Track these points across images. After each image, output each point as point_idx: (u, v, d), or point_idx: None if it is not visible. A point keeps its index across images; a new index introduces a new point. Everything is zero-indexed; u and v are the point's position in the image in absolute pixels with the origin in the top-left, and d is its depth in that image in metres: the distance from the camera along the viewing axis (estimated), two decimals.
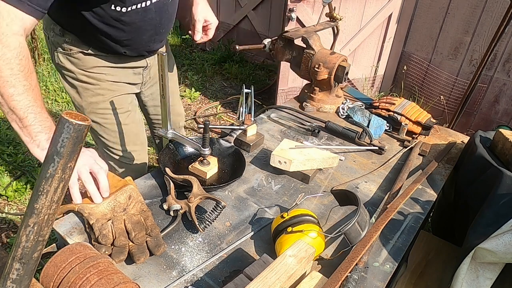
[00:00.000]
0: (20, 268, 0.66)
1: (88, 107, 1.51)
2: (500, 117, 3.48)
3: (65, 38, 1.38)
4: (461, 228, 1.59)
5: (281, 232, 1.07)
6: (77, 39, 1.38)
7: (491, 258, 1.18)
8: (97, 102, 1.50)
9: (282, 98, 3.65)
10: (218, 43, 5.05)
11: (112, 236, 1.04)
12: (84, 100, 1.49)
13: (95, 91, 1.48)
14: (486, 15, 3.25)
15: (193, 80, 4.39)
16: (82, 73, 1.45)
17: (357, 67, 3.90)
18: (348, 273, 1.00)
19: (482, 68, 2.18)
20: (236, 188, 1.37)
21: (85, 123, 0.58)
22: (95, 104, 1.51)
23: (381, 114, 1.84)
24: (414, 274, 1.54)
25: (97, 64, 1.45)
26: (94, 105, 1.51)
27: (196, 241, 1.14)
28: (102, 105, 1.51)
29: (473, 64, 3.47)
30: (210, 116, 3.83)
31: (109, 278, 0.85)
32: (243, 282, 0.91)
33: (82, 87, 1.47)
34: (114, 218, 1.08)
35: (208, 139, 1.33)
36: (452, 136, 1.86)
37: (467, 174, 1.52)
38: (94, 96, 1.49)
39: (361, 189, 1.45)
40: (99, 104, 1.51)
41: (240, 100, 1.62)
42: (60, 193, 0.62)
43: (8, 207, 2.47)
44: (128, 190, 1.16)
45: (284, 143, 1.48)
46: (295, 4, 3.18)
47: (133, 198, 1.15)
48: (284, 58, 1.97)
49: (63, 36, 1.38)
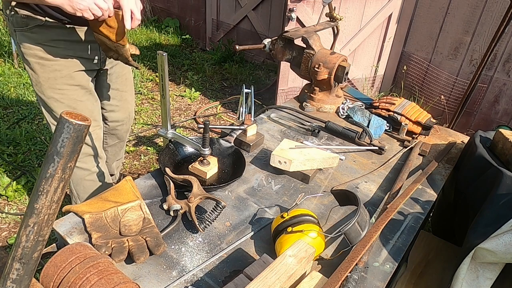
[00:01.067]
0: (20, 268, 0.66)
1: (46, 83, 1.55)
2: (500, 117, 3.48)
3: (20, 14, 1.41)
4: (461, 228, 1.59)
5: (281, 232, 1.07)
6: (31, 11, 1.40)
7: (491, 258, 1.18)
8: (54, 77, 1.55)
9: (282, 98, 3.64)
10: (218, 43, 5.05)
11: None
12: (42, 75, 1.53)
13: (52, 66, 1.52)
14: (486, 15, 3.25)
15: (193, 80, 4.39)
16: (39, 48, 1.48)
17: (357, 67, 3.90)
18: (348, 273, 1.00)
19: (482, 68, 2.18)
20: (236, 188, 1.37)
21: (85, 123, 0.58)
22: (53, 80, 1.55)
23: (381, 114, 1.84)
24: (414, 274, 1.54)
25: (53, 37, 1.47)
26: (52, 81, 1.55)
27: (196, 241, 1.14)
28: (59, 80, 1.56)
29: (473, 64, 3.47)
30: (210, 116, 3.83)
31: (109, 278, 0.85)
32: (243, 282, 0.91)
33: (39, 64, 1.51)
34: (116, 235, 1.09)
35: (208, 139, 1.33)
36: (452, 136, 1.86)
37: (467, 174, 1.52)
38: (52, 72, 1.53)
39: (361, 189, 1.44)
40: (56, 79, 1.55)
41: (240, 100, 1.62)
42: (60, 193, 0.62)
43: (8, 207, 2.47)
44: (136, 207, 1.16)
45: (284, 143, 1.48)
46: (295, 4, 3.18)
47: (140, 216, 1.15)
48: (284, 58, 1.97)
49: (18, 12, 1.41)
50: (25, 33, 1.45)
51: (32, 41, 1.46)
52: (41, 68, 1.52)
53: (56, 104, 1.60)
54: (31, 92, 3.73)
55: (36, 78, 1.54)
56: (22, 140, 3.04)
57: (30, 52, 1.49)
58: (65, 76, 1.56)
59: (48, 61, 1.51)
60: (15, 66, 4.13)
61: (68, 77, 1.56)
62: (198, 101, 4.08)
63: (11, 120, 3.30)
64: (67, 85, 1.58)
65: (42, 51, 1.49)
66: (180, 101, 4.04)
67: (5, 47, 4.39)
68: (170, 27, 5.62)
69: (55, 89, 1.57)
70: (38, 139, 3.10)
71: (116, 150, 2.14)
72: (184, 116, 3.78)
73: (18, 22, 1.44)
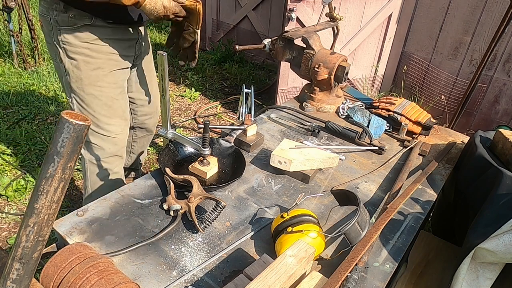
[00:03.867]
0: (20, 268, 0.66)
1: (87, 79, 1.60)
2: (500, 117, 3.48)
3: (68, 13, 1.47)
4: (461, 228, 1.59)
5: (281, 232, 1.07)
6: (81, 12, 1.48)
7: (491, 258, 1.18)
8: (96, 75, 1.61)
9: (282, 98, 3.64)
10: (218, 43, 5.05)
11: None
12: (84, 72, 1.59)
13: (96, 64, 1.59)
14: (486, 15, 3.25)
15: (193, 80, 4.39)
16: (85, 46, 1.54)
17: (357, 67, 3.90)
18: (348, 273, 1.00)
19: (482, 68, 2.18)
20: (236, 188, 1.37)
21: (85, 123, 0.58)
22: (95, 77, 1.61)
23: (381, 114, 1.84)
24: (414, 274, 1.54)
25: (100, 36, 1.55)
26: (94, 78, 1.61)
27: (196, 241, 1.14)
28: (101, 78, 1.62)
29: (473, 64, 3.47)
30: (210, 116, 3.83)
31: (109, 278, 0.85)
32: (243, 282, 0.91)
33: (84, 61, 1.57)
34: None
35: (208, 139, 1.33)
36: (452, 136, 1.86)
37: (467, 174, 1.52)
38: (95, 70, 1.60)
39: (361, 189, 1.44)
40: (98, 76, 1.62)
41: (240, 100, 1.63)
42: (60, 193, 0.62)
43: (8, 207, 2.47)
44: None
45: (284, 143, 1.48)
46: (295, 4, 3.18)
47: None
48: (284, 58, 1.97)
49: (67, 12, 1.47)
50: (72, 32, 1.51)
51: (79, 39, 1.53)
52: (85, 65, 1.58)
53: (95, 100, 1.65)
54: (31, 92, 3.73)
55: (78, 74, 1.59)
56: (22, 140, 3.04)
57: (76, 50, 1.55)
58: (106, 74, 1.63)
59: (93, 58, 1.58)
60: (15, 66, 4.13)
61: (109, 75, 1.64)
62: (198, 101, 4.08)
63: (11, 120, 3.30)
64: (107, 82, 1.65)
65: (89, 49, 1.55)
66: (180, 101, 4.04)
67: (5, 47, 4.39)
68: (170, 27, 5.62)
69: (95, 86, 1.62)
70: (38, 139, 3.10)
71: (144, 143, 2.23)
72: (184, 116, 3.78)
73: (65, 21, 1.49)
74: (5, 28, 4.33)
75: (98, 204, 1.22)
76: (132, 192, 1.29)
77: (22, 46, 4.05)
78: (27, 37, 4.32)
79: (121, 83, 1.72)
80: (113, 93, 1.68)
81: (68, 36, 1.52)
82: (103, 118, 1.70)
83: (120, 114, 1.75)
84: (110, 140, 1.75)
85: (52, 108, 3.54)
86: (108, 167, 1.79)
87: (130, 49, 1.71)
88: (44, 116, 3.42)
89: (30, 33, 4.03)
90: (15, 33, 3.95)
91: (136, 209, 1.22)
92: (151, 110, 2.06)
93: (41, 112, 3.46)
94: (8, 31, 4.08)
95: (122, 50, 1.65)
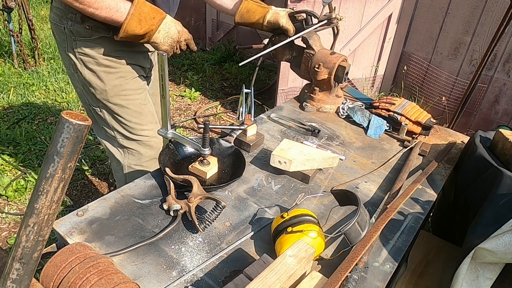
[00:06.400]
0: (20, 268, 0.66)
1: (112, 90, 1.57)
2: (500, 117, 3.48)
3: (85, 25, 1.43)
4: (461, 228, 1.59)
5: (281, 232, 1.07)
6: (98, 24, 1.43)
7: (491, 258, 1.18)
8: (120, 84, 1.58)
9: (282, 98, 3.64)
10: (218, 43, 5.05)
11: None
12: (108, 83, 1.55)
13: (118, 74, 1.56)
14: (486, 15, 3.25)
15: (193, 80, 4.39)
16: (104, 57, 1.51)
17: (357, 67, 3.90)
18: (348, 273, 1.00)
19: (482, 68, 2.18)
20: (236, 188, 1.37)
21: (85, 123, 0.58)
22: (119, 87, 1.58)
23: (381, 114, 1.84)
24: (414, 274, 1.54)
25: (117, 48, 1.52)
26: (118, 88, 1.58)
27: (196, 241, 1.14)
28: (125, 86, 1.60)
29: (473, 64, 3.47)
30: (210, 116, 3.83)
31: (109, 278, 0.85)
32: (243, 282, 0.91)
33: (105, 72, 1.54)
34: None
35: (208, 139, 1.33)
36: (452, 136, 1.86)
37: (467, 174, 1.52)
38: (117, 79, 1.57)
39: (361, 189, 1.45)
40: (122, 86, 1.59)
41: (240, 100, 1.62)
42: (60, 193, 0.62)
43: (8, 207, 2.47)
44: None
45: (284, 143, 1.48)
46: (295, 4, 3.17)
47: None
48: (284, 58, 1.97)
49: (83, 23, 1.43)
50: (89, 43, 1.48)
51: (97, 51, 1.49)
52: (107, 76, 1.54)
53: (123, 110, 1.63)
54: (31, 92, 3.73)
55: (101, 86, 1.56)
56: (22, 140, 3.04)
57: (96, 61, 1.51)
58: (129, 81, 1.61)
59: (113, 68, 1.55)
60: (15, 66, 4.13)
61: (132, 82, 1.62)
62: (198, 101, 4.08)
63: (11, 120, 3.30)
64: (132, 90, 1.62)
65: (108, 60, 1.52)
66: (180, 101, 4.04)
67: (5, 47, 4.40)
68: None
69: (121, 96, 1.60)
70: (38, 139, 3.10)
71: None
72: (184, 116, 3.78)
73: (81, 32, 1.45)
74: (5, 28, 4.33)
75: (98, 204, 1.22)
76: (132, 192, 1.29)
77: (22, 46, 4.05)
78: (27, 37, 4.32)
79: (144, 87, 1.70)
80: (140, 98, 1.67)
81: (85, 48, 1.48)
82: (135, 126, 1.68)
83: (150, 119, 1.74)
84: (146, 144, 1.74)
85: (52, 108, 3.54)
86: (147, 171, 1.76)
87: (146, 60, 1.70)
88: (44, 116, 3.42)
89: (30, 33, 4.03)
90: (15, 33, 3.95)
91: (136, 209, 1.22)
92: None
93: (41, 112, 3.46)
94: (8, 31, 4.08)
95: (140, 61, 1.64)
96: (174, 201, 1.19)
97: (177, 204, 1.18)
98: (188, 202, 1.17)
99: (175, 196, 1.22)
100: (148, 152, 1.76)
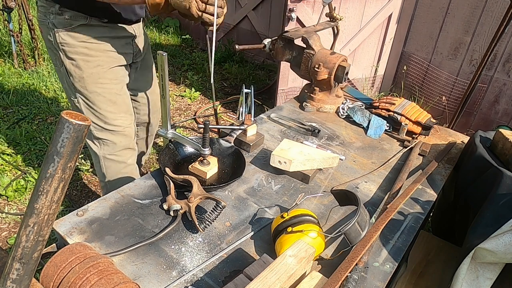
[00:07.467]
0: (20, 268, 0.66)
1: (89, 78, 1.63)
2: (500, 117, 3.48)
3: (64, 16, 1.51)
4: (461, 228, 1.59)
5: (281, 232, 1.07)
6: (76, 13, 1.51)
7: (491, 258, 1.18)
8: (97, 72, 1.64)
9: (282, 98, 3.64)
10: (218, 43, 5.05)
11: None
12: (86, 71, 1.62)
13: (95, 62, 1.62)
14: (486, 15, 3.25)
15: (193, 80, 4.39)
16: (83, 45, 1.57)
17: (357, 67, 3.90)
18: (348, 273, 1.00)
19: (482, 68, 2.18)
20: (236, 188, 1.37)
21: (85, 123, 0.58)
22: (96, 75, 1.64)
23: (381, 114, 1.84)
24: (414, 274, 1.54)
25: (96, 35, 1.58)
26: (95, 75, 1.64)
27: (196, 241, 1.14)
28: (102, 75, 1.65)
29: (473, 64, 3.47)
30: (210, 116, 3.83)
31: (109, 278, 0.85)
32: (243, 282, 0.91)
33: (83, 60, 1.60)
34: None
35: (208, 139, 1.33)
36: (452, 136, 1.86)
37: (467, 174, 1.52)
38: (95, 68, 1.62)
39: (361, 189, 1.44)
40: (99, 74, 1.64)
41: (240, 100, 1.62)
42: (60, 193, 0.62)
43: (8, 207, 2.47)
44: None
45: (284, 143, 1.48)
46: (295, 4, 3.17)
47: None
48: (284, 58, 1.97)
49: (62, 14, 1.51)
50: (69, 33, 1.55)
51: (76, 40, 1.56)
52: (85, 64, 1.61)
53: (98, 98, 1.68)
54: (31, 92, 3.73)
55: (80, 74, 1.62)
56: (22, 140, 3.04)
57: (75, 50, 1.58)
58: (107, 71, 1.66)
59: (92, 57, 1.61)
60: (15, 66, 4.13)
61: (109, 72, 1.67)
62: (198, 101, 4.08)
63: (11, 120, 3.30)
64: (108, 79, 1.68)
65: (87, 48, 1.58)
66: (180, 101, 4.04)
67: (5, 47, 4.39)
68: (170, 27, 5.62)
69: (97, 83, 1.65)
70: (38, 139, 3.10)
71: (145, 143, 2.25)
72: (184, 116, 3.78)
73: (61, 23, 1.53)
74: (5, 28, 4.33)
75: (98, 204, 1.22)
76: (132, 192, 1.29)
77: (22, 46, 4.05)
78: (27, 37, 4.32)
79: (121, 78, 1.74)
80: (116, 89, 1.71)
81: (66, 37, 1.55)
82: (109, 114, 1.73)
83: (125, 109, 1.79)
84: (120, 133, 1.79)
85: (52, 108, 3.54)
86: (122, 160, 1.83)
87: (127, 46, 1.73)
88: (44, 116, 3.42)
89: (30, 33, 4.03)
90: (15, 33, 3.95)
91: (136, 209, 1.22)
92: (152, 108, 2.08)
93: (41, 112, 3.46)
94: (8, 31, 4.08)
95: (119, 47, 1.68)
96: (174, 201, 1.19)
97: (177, 204, 1.18)
98: (188, 202, 1.17)
99: (175, 196, 1.22)
100: (122, 142, 1.80)
